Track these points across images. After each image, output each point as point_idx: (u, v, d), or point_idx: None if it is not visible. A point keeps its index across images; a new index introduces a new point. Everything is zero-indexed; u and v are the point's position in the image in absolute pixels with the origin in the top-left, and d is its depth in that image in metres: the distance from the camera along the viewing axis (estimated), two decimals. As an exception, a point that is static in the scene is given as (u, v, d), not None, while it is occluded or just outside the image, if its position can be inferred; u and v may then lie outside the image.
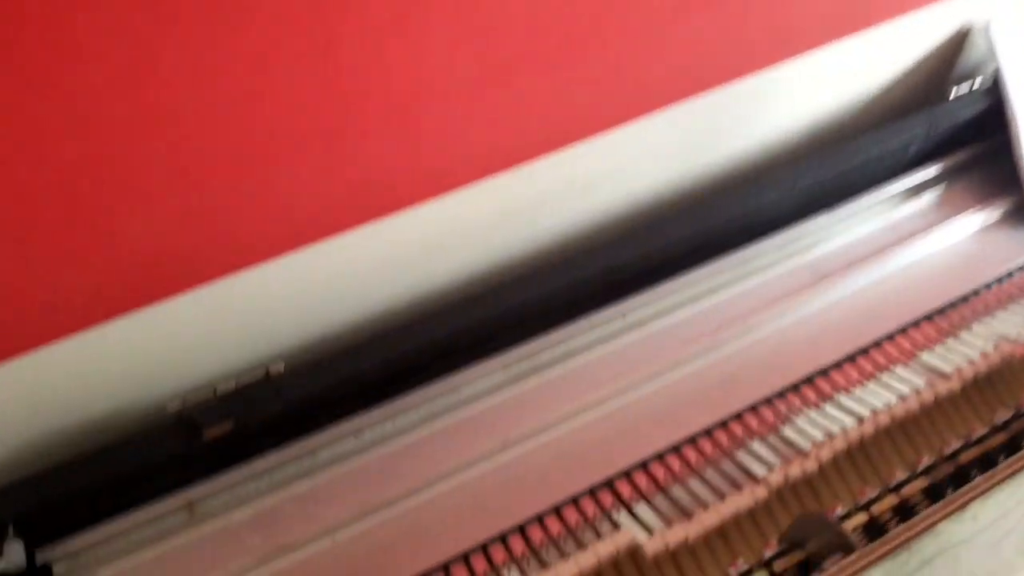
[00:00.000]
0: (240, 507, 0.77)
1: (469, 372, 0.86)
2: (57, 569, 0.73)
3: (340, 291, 0.83)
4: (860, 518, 0.67)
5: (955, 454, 0.75)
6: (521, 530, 0.76)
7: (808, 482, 0.80)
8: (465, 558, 0.74)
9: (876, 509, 0.68)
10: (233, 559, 0.74)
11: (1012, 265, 0.99)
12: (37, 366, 0.68)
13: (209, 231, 0.68)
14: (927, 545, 0.57)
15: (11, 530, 0.70)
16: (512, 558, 0.74)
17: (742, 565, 0.69)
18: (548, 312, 0.90)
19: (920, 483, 0.72)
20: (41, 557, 0.72)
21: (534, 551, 0.75)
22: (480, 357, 0.87)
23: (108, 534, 0.74)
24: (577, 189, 0.91)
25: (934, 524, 0.59)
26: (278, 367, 0.78)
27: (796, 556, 0.57)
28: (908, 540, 0.57)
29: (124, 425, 0.77)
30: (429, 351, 0.85)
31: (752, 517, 0.77)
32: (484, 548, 0.75)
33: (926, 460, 0.76)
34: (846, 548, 0.55)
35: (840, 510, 0.70)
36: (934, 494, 0.72)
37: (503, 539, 0.76)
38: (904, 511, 0.71)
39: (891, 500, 0.70)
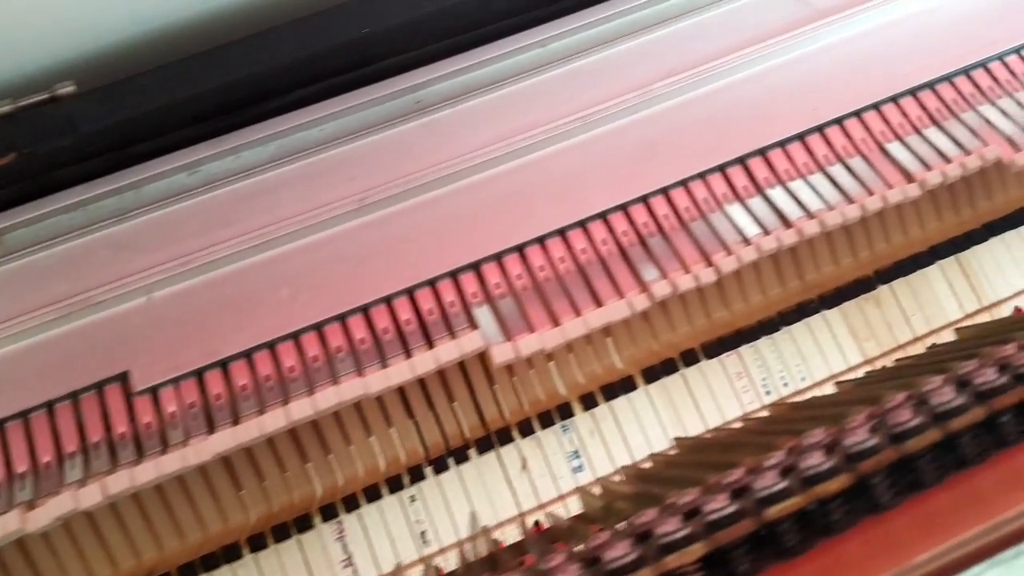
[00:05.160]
0: (46, 246, 0.66)
1: (331, 105, 0.69)
2: None
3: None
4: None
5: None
6: (363, 312, 0.67)
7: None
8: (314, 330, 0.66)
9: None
10: (33, 306, 0.65)
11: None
12: None
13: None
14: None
15: None
16: (347, 343, 0.65)
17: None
18: (447, 29, 0.71)
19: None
20: None
21: (376, 340, 0.66)
22: (345, 87, 0.70)
23: None
24: None
25: None
26: (68, 88, 0.62)
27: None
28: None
29: None
30: (281, 73, 0.67)
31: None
32: (319, 328, 0.66)
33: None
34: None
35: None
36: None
37: (341, 318, 0.66)
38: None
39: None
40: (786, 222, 0.67)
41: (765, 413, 0.70)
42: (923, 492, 0.34)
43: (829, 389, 0.73)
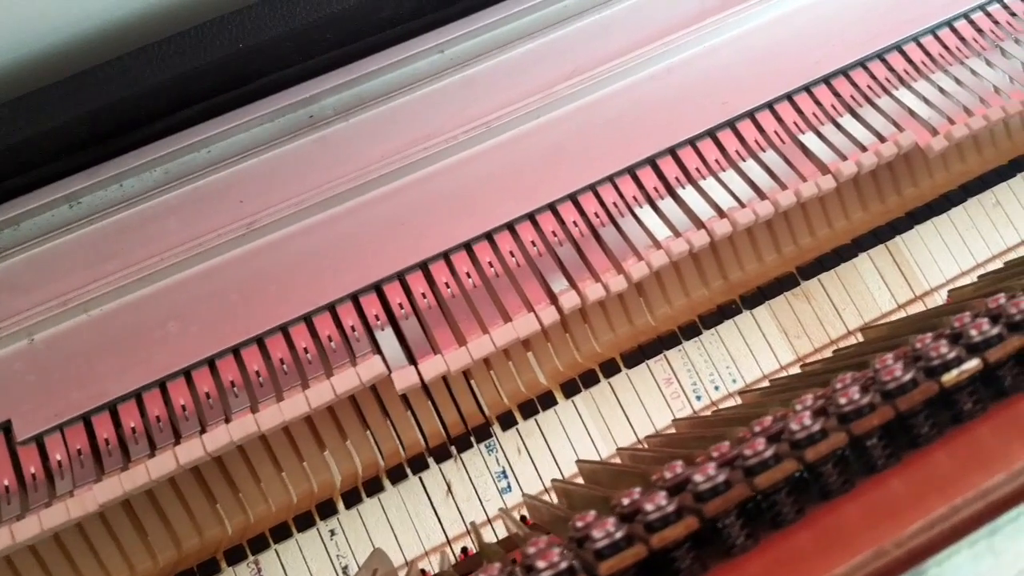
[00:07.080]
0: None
1: (217, 124, 0.66)
2: None
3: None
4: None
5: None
6: (258, 342, 0.63)
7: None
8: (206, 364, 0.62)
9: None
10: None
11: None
12: None
13: None
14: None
15: None
16: (241, 377, 0.62)
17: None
18: (332, 40, 0.67)
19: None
20: None
21: (272, 372, 0.62)
22: (233, 105, 0.66)
23: None
24: None
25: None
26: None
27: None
28: None
29: None
30: (154, 94, 0.64)
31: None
32: (211, 362, 0.62)
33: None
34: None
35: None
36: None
37: (235, 351, 0.63)
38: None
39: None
40: (698, 223, 0.64)
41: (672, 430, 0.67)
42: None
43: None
